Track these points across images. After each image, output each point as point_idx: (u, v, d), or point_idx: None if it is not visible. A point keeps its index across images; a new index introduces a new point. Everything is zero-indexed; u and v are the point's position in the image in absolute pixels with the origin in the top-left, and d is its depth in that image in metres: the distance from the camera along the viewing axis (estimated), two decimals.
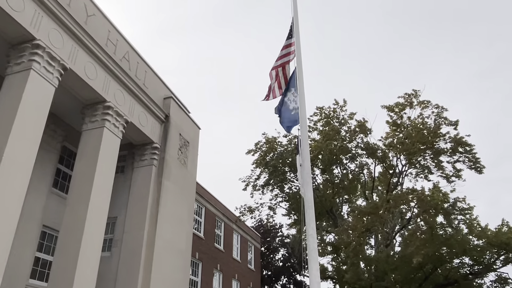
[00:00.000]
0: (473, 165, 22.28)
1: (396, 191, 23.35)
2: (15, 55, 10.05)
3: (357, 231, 20.71)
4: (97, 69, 12.11)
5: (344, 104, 23.95)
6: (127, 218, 13.68)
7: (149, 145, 14.61)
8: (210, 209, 24.76)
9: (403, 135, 22.29)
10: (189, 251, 15.55)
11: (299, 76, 7.50)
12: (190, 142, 16.74)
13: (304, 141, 6.88)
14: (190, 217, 16.22)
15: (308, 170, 6.52)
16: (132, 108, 13.66)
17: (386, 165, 24.28)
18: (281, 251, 39.32)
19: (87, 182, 11.35)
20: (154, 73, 15.46)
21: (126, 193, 14.21)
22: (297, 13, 8.22)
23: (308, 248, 5.83)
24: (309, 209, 6.08)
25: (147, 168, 14.38)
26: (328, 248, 25.84)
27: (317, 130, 24.40)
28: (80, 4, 11.66)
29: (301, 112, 7.11)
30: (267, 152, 24.83)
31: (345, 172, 25.34)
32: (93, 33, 11.88)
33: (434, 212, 21.24)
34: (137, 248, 12.96)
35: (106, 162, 12.03)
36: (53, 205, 12.83)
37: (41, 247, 12.52)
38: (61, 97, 11.52)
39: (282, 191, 26.25)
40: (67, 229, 10.84)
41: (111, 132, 12.46)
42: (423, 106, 22.48)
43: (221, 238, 26.17)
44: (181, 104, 16.65)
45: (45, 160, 12.52)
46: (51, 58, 10.33)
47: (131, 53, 14.02)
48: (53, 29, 10.56)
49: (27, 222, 11.56)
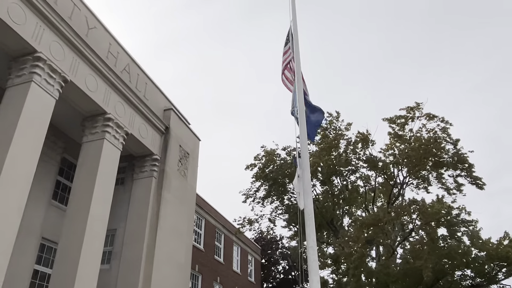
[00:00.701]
0: (474, 181, 22.21)
1: (397, 202, 23.25)
2: (16, 67, 10.10)
3: (359, 242, 20.57)
4: (98, 81, 12.17)
5: (338, 116, 23.98)
6: (127, 230, 13.61)
7: (149, 156, 14.61)
8: (210, 221, 24.64)
9: (406, 148, 22.21)
10: (189, 263, 15.44)
11: (299, 87, 7.51)
12: (190, 154, 16.74)
13: (304, 152, 6.87)
14: (190, 229, 16.14)
15: (308, 181, 6.50)
16: (132, 120, 13.69)
17: (386, 176, 24.22)
18: (282, 263, 39.03)
19: (86, 194, 11.32)
20: (154, 85, 15.52)
21: (126, 205, 14.16)
22: (296, 21, 8.28)
23: (309, 260, 5.78)
24: (309, 220, 6.04)
25: (147, 180, 14.35)
26: (328, 261, 25.63)
27: (314, 143, 24.36)
28: (81, 17, 11.77)
29: (300, 123, 7.12)
30: (266, 165, 24.79)
31: (345, 183, 25.27)
32: (94, 46, 11.97)
33: (435, 224, 21.12)
34: (137, 261, 12.86)
35: (106, 174, 12.02)
36: (52, 217, 12.78)
37: (40, 259, 12.42)
38: (61, 109, 11.55)
39: (282, 203, 26.15)
40: (66, 242, 10.78)
41: (111, 144, 12.47)
42: (428, 118, 22.37)
43: (221, 250, 25.99)
44: (181, 116, 16.69)
45: (45, 171, 12.50)
46: (52, 71, 10.39)
47: (131, 65, 14.11)
48: (54, 42, 10.63)
49: (26, 234, 11.48)
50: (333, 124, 24.02)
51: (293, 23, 8.27)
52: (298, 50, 7.94)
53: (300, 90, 7.45)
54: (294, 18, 8.28)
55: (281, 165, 24.53)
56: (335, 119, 24.08)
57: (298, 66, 7.77)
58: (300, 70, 7.71)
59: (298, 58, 7.87)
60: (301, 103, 7.31)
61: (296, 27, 8.19)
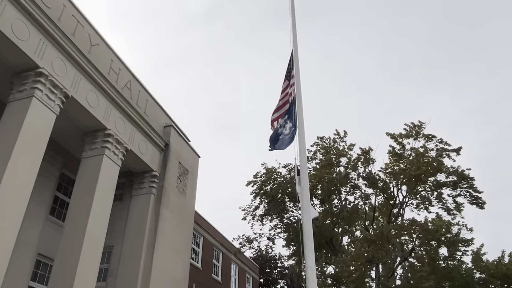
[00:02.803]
0: (474, 200, 22.13)
1: (397, 222, 23.10)
2: (18, 82, 10.17)
3: (360, 260, 20.36)
4: (99, 97, 12.23)
5: (345, 135, 24.08)
6: (124, 247, 13.47)
7: (148, 173, 14.56)
8: (208, 239, 24.41)
9: (405, 165, 22.23)
10: (186, 282, 15.22)
11: (299, 106, 7.53)
12: (190, 171, 16.69)
13: (303, 171, 6.85)
14: (188, 247, 15.97)
15: (307, 201, 6.46)
16: (132, 136, 13.70)
17: (386, 195, 24.12)
18: (280, 282, 38.50)
19: (84, 210, 11.24)
20: (155, 101, 15.59)
21: (124, 221, 14.04)
22: (296, 46, 8.36)
23: (307, 280, 5.71)
24: (308, 239, 5.99)
25: (145, 196, 14.27)
26: (328, 281, 25.30)
27: (316, 159, 24.41)
28: (84, 34, 11.90)
29: (300, 143, 7.12)
30: (265, 182, 24.72)
31: (345, 203, 25.15)
32: (96, 62, 12.07)
33: (436, 244, 20.97)
34: (133, 279, 12.68)
35: (105, 190, 11.96)
36: (49, 233, 12.66)
37: (35, 276, 12.26)
38: (61, 124, 11.57)
39: (281, 222, 25.98)
40: (63, 258, 10.65)
41: (111, 160, 12.45)
42: (427, 139, 22.52)
43: (219, 268, 25.67)
44: (181, 132, 16.71)
45: (43, 187, 12.44)
46: (54, 86, 10.45)
47: (133, 81, 14.19)
48: (57, 58, 10.73)
49: (22, 250, 11.34)
50: (336, 143, 24.09)
51: (294, 51, 8.34)
52: (298, 75, 7.99)
53: (300, 108, 7.49)
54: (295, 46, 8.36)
55: (281, 183, 24.47)
56: (338, 138, 24.15)
57: (299, 88, 7.82)
58: (300, 92, 7.74)
59: (298, 81, 7.92)
60: (300, 121, 7.33)
61: (297, 53, 8.27)
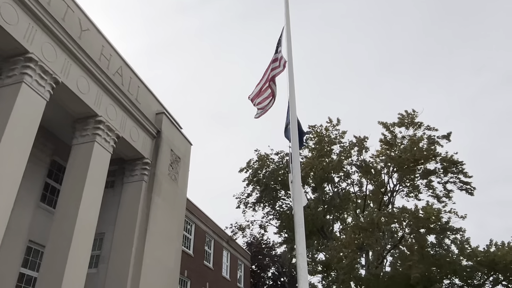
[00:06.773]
0: (464, 186, 22.43)
1: (387, 210, 23.38)
2: (7, 67, 10.00)
3: (350, 247, 20.62)
4: (90, 83, 12.08)
5: (337, 123, 24.16)
6: (115, 234, 13.47)
7: (140, 160, 14.50)
8: (200, 226, 24.49)
9: (396, 153, 22.43)
10: (177, 268, 15.31)
11: (291, 93, 7.51)
12: (182, 158, 16.66)
13: (295, 159, 6.87)
14: (180, 234, 16.02)
15: (298, 188, 6.49)
16: (123, 123, 13.60)
17: (377, 183, 24.36)
18: (272, 269, 38.87)
19: (75, 197, 11.19)
20: (146, 88, 15.46)
21: (115, 208, 14.02)
22: (289, 26, 8.30)
23: (298, 267, 5.77)
24: (299, 227, 6.03)
25: (137, 184, 14.24)
26: (318, 267, 25.64)
27: (308, 147, 24.51)
28: (74, 19, 11.70)
29: (292, 129, 7.12)
30: (258, 169, 24.81)
31: (337, 190, 25.36)
32: (87, 48, 11.89)
33: (426, 231, 21.29)
34: (125, 265, 12.72)
35: (96, 177, 11.90)
36: (40, 219, 12.60)
37: (26, 262, 12.23)
38: (52, 110, 11.44)
39: (273, 209, 26.16)
40: (54, 245, 10.63)
41: (102, 147, 12.36)
42: (416, 127, 22.75)
43: (211, 255, 25.82)
44: (173, 120, 16.61)
45: (33, 173, 12.34)
46: (43, 72, 10.30)
47: (124, 68, 14.04)
48: (47, 43, 10.55)
49: (12, 236, 11.29)
50: (329, 131, 24.18)
51: (286, 30, 8.29)
52: (291, 60, 7.93)
53: (293, 97, 7.46)
54: (287, 27, 8.31)
55: (273, 170, 24.57)
56: (331, 126, 24.24)
57: (291, 76, 7.78)
58: (293, 80, 7.70)
59: (291, 70, 7.87)
60: (293, 111, 7.32)
61: (289, 35, 8.21)
